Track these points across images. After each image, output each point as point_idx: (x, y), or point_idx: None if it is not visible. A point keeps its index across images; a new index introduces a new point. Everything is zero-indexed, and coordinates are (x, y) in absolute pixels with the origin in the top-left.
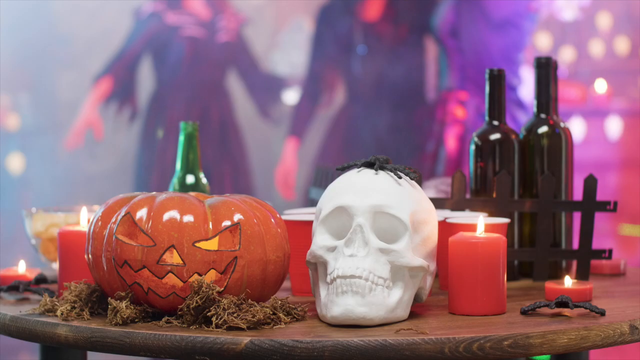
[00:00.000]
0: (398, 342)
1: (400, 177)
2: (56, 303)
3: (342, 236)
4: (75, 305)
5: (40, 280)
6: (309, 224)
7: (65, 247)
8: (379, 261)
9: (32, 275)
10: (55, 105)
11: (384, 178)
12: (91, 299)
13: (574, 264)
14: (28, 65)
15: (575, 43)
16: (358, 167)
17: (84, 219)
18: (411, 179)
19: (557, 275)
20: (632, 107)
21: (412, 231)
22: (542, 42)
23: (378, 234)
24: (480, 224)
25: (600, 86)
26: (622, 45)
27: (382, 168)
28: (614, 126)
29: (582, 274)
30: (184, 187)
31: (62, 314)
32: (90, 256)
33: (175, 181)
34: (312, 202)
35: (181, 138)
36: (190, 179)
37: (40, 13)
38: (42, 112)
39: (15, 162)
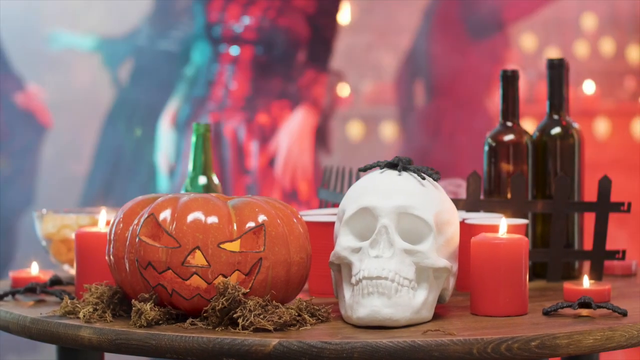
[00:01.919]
0: (427, 343)
1: (423, 178)
2: (77, 305)
3: (366, 237)
4: (97, 307)
5: (55, 282)
6: (326, 225)
7: (83, 248)
8: (404, 262)
9: (45, 276)
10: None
11: (407, 179)
12: (113, 300)
13: (586, 264)
14: (14, 66)
15: (560, 44)
16: (381, 168)
17: (102, 221)
18: (434, 179)
19: (570, 276)
20: (620, 108)
21: (436, 232)
22: (527, 43)
23: (402, 235)
24: (503, 225)
25: (589, 87)
26: (608, 46)
27: (405, 169)
28: (601, 127)
29: (596, 275)
30: (196, 189)
31: (84, 316)
32: (111, 258)
33: (187, 182)
34: (322, 203)
35: (193, 139)
36: (202, 180)
37: (26, 13)
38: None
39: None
